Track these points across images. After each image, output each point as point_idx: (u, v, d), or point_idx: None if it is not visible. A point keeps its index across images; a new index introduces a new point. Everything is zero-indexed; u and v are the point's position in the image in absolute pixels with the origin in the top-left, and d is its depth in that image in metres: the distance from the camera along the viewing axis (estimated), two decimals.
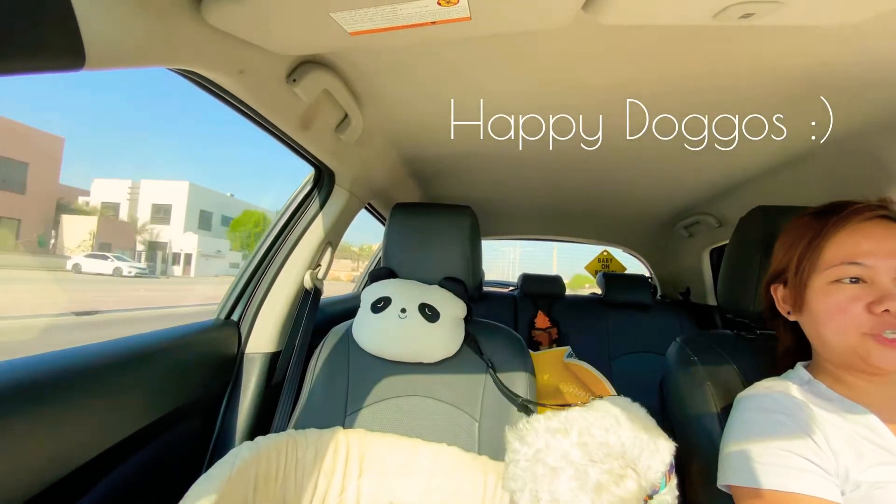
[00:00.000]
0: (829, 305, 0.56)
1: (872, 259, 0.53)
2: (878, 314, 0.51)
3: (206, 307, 8.43)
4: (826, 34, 0.55)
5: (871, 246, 0.54)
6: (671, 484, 0.64)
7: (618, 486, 0.49)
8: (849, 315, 0.54)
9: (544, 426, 0.55)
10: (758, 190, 1.19)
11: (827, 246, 0.57)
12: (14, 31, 0.32)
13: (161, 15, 0.44)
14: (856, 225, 0.56)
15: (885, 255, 0.53)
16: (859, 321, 0.53)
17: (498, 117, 0.89)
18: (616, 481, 0.50)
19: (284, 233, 1.04)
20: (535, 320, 2.05)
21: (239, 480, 0.62)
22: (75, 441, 0.59)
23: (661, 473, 0.62)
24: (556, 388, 1.26)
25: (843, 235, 0.56)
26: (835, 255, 0.56)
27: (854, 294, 0.54)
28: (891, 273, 0.52)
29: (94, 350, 0.66)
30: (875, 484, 0.49)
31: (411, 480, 0.78)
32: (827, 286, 0.56)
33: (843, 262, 0.55)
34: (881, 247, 0.53)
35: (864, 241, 0.55)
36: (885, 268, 0.53)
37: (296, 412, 0.89)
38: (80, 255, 13.33)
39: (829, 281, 0.56)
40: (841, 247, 0.56)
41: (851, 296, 0.54)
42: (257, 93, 0.63)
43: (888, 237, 0.54)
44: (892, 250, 0.53)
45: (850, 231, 0.56)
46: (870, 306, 0.52)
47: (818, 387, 0.59)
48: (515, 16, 0.49)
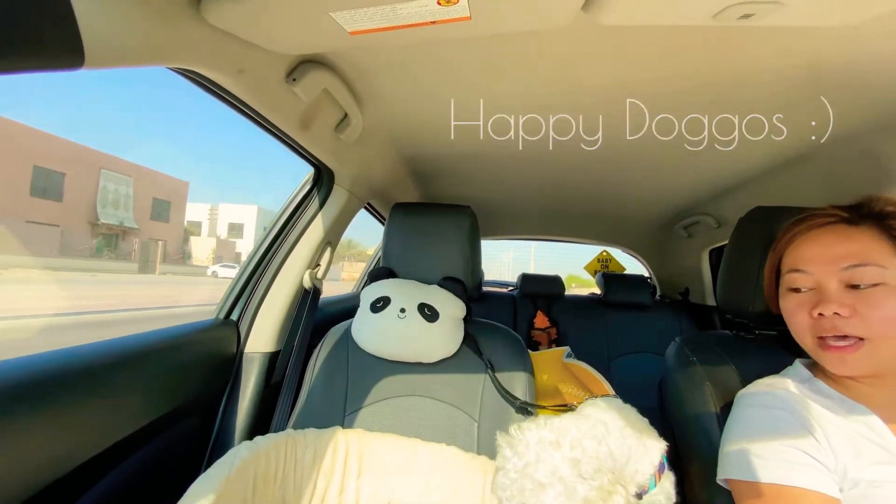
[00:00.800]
0: (786, 311, 0.60)
1: (814, 266, 0.56)
2: (815, 318, 0.55)
3: None
4: (826, 34, 0.55)
5: (814, 253, 0.57)
6: (662, 483, 0.64)
7: (605, 502, 0.50)
8: (799, 321, 0.57)
9: (536, 437, 0.55)
10: (757, 190, 1.19)
11: (785, 254, 0.62)
12: (13, 30, 0.32)
13: (160, 14, 0.44)
14: (806, 233, 0.59)
15: (827, 261, 0.55)
16: (806, 326, 0.56)
17: (498, 117, 0.89)
18: (604, 498, 0.50)
19: (284, 232, 1.04)
20: (534, 320, 2.06)
21: (238, 480, 0.62)
22: (74, 440, 0.59)
23: (650, 475, 0.63)
24: (555, 388, 1.26)
25: (795, 244, 0.60)
26: (787, 263, 0.60)
27: (799, 301, 0.58)
28: (834, 278, 0.54)
29: (93, 349, 0.66)
30: (873, 483, 0.49)
31: (410, 480, 0.78)
32: (785, 293, 0.61)
33: (790, 270, 0.59)
34: (824, 253, 0.56)
35: (811, 248, 0.58)
36: (826, 272, 0.55)
37: (295, 412, 0.89)
38: (214, 265, 18.93)
39: (786, 288, 0.60)
40: (790, 255, 0.60)
41: (797, 302, 0.58)
42: (257, 92, 0.63)
43: (836, 242, 0.56)
44: (835, 255, 0.54)
45: (802, 239, 0.59)
46: (810, 311, 0.55)
47: (818, 384, 0.59)
48: (515, 16, 0.49)
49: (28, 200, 14.00)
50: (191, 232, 25.68)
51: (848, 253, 0.54)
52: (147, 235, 18.13)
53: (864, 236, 0.55)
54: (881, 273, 0.52)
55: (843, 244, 0.55)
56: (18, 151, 14.19)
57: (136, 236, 17.43)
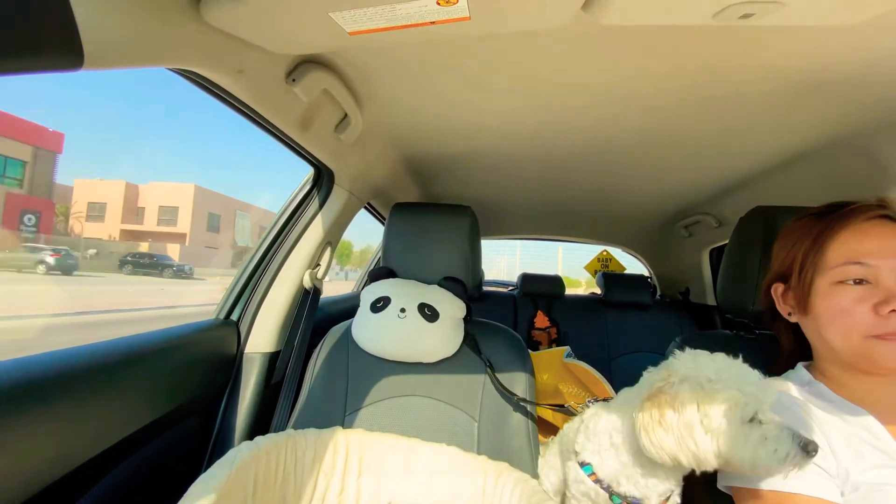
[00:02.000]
0: (832, 307, 0.55)
1: (876, 259, 0.52)
2: (885, 315, 0.50)
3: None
4: (826, 34, 0.55)
5: (874, 245, 0.53)
6: (680, 485, 0.64)
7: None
8: (854, 317, 0.53)
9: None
10: (758, 190, 1.19)
11: (830, 246, 0.56)
12: (12, 31, 0.32)
13: (160, 15, 0.44)
14: (858, 225, 0.55)
15: (889, 255, 0.52)
16: (864, 323, 0.52)
17: (498, 117, 0.89)
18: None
19: (284, 232, 1.04)
20: (534, 320, 2.06)
21: (238, 480, 0.62)
22: (75, 441, 0.59)
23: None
24: (555, 388, 1.26)
25: (846, 235, 0.55)
26: (838, 256, 0.55)
27: (859, 295, 0.53)
28: (894, 273, 0.52)
29: (94, 350, 0.66)
30: (875, 486, 0.49)
31: (410, 480, 0.78)
32: (830, 287, 0.55)
33: (846, 263, 0.54)
34: (885, 246, 0.52)
35: (867, 240, 0.54)
36: (888, 268, 0.52)
37: (295, 412, 0.89)
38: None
39: (833, 282, 0.55)
40: (844, 247, 0.55)
41: (856, 297, 0.53)
42: (257, 93, 0.63)
43: (890, 236, 0.53)
44: (895, 250, 0.52)
45: (853, 231, 0.55)
46: (876, 307, 0.51)
47: (819, 388, 0.59)
48: (515, 16, 0.49)
49: (206, 234, 23.38)
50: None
51: None
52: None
53: None
54: None
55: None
56: (204, 205, 23.70)
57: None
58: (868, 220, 0.55)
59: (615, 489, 0.63)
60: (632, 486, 0.62)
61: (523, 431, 0.85)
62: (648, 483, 0.61)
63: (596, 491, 0.64)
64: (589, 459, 0.66)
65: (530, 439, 0.84)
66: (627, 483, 0.62)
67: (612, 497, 0.63)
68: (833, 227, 0.56)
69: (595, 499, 0.65)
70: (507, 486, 0.74)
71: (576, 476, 0.67)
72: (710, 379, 0.53)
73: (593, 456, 0.66)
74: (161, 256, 17.81)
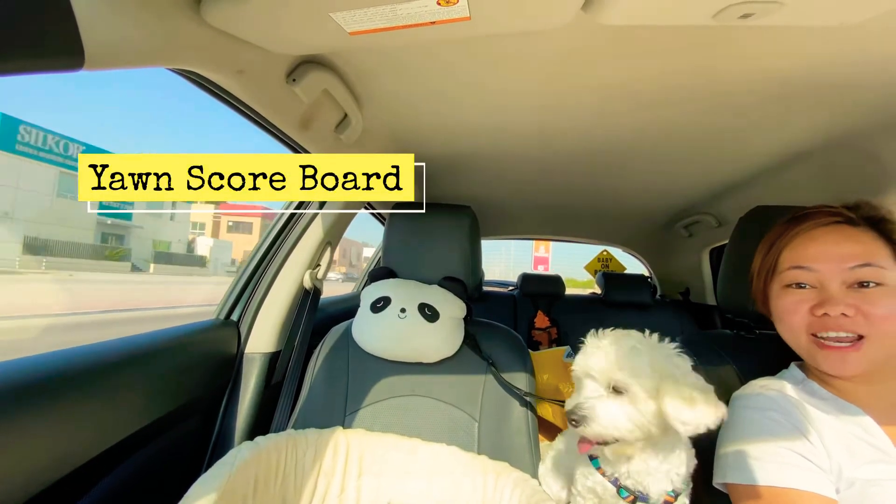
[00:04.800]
0: (781, 308, 0.59)
1: (819, 263, 0.56)
2: (818, 316, 0.54)
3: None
4: (826, 34, 0.55)
5: (818, 251, 0.56)
6: (690, 486, 0.65)
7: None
8: (795, 317, 0.57)
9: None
10: (758, 190, 1.19)
11: (783, 251, 0.60)
12: (13, 31, 0.32)
13: (161, 15, 0.44)
14: (809, 231, 0.58)
15: (832, 260, 0.55)
16: (803, 323, 0.56)
17: (498, 117, 0.89)
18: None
19: (284, 233, 1.04)
20: (534, 320, 2.06)
21: (239, 480, 0.62)
22: (75, 441, 0.59)
23: (689, 475, 0.63)
24: (555, 388, 1.26)
25: (797, 241, 0.59)
26: (787, 260, 0.59)
27: (800, 297, 0.57)
28: (838, 277, 0.54)
29: (94, 350, 0.66)
30: (869, 482, 0.50)
31: (411, 480, 0.78)
32: (781, 290, 0.60)
33: (791, 267, 0.58)
34: (829, 251, 0.56)
35: (813, 246, 0.57)
36: (830, 271, 0.55)
37: (295, 412, 0.89)
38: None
39: (783, 285, 0.59)
40: (793, 252, 0.59)
41: (798, 299, 0.57)
42: (257, 93, 0.63)
43: (839, 242, 0.56)
44: (840, 255, 0.54)
45: (804, 237, 0.59)
46: (812, 309, 0.55)
47: (811, 386, 0.60)
48: (515, 16, 0.49)
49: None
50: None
51: (853, 253, 0.54)
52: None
53: (867, 237, 0.55)
54: (882, 274, 0.52)
55: (849, 244, 0.55)
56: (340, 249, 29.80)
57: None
58: (822, 226, 0.58)
59: (622, 482, 0.63)
60: (635, 482, 0.62)
61: (524, 431, 0.85)
62: (651, 481, 0.61)
63: (603, 485, 0.64)
64: (597, 453, 0.66)
65: (531, 439, 0.84)
66: (629, 479, 0.62)
67: (619, 491, 0.63)
68: (788, 232, 0.61)
69: (602, 494, 0.65)
70: (507, 485, 0.74)
71: (585, 470, 0.68)
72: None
73: (598, 449, 0.66)
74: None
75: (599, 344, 0.62)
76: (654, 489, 0.61)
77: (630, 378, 0.57)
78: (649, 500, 0.62)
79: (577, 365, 0.63)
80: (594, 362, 0.60)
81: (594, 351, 0.61)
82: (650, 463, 0.61)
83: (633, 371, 0.57)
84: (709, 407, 0.53)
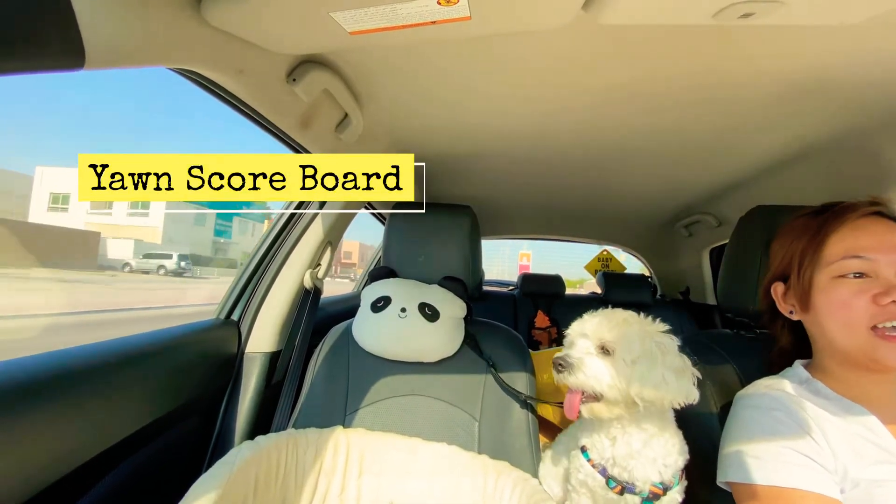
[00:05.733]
0: (833, 301, 0.56)
1: (874, 253, 0.54)
2: (884, 305, 0.51)
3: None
4: (826, 34, 0.55)
5: (870, 240, 0.55)
6: (682, 484, 0.65)
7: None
8: (854, 309, 0.54)
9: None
10: (758, 190, 1.19)
11: (828, 242, 0.57)
12: (14, 31, 0.32)
13: (161, 14, 0.44)
14: (854, 221, 0.57)
15: (886, 249, 0.53)
16: (865, 314, 0.53)
17: (498, 117, 0.89)
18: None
19: (284, 232, 1.04)
20: (534, 320, 2.06)
21: (239, 480, 0.62)
22: (75, 441, 0.59)
23: (679, 470, 0.64)
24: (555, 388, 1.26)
25: (844, 231, 0.57)
26: (836, 251, 0.56)
27: (858, 288, 0.54)
28: (892, 266, 0.53)
29: (95, 350, 0.66)
30: (875, 482, 0.49)
31: (411, 480, 0.78)
32: (830, 282, 0.56)
33: (844, 257, 0.55)
34: (881, 241, 0.54)
35: (864, 235, 0.55)
36: (886, 261, 0.53)
37: (296, 411, 0.89)
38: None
39: (832, 276, 0.56)
40: (842, 242, 0.56)
41: (856, 289, 0.54)
42: (257, 92, 0.63)
43: (886, 231, 0.55)
44: (892, 244, 0.54)
45: (850, 227, 0.57)
46: (875, 298, 0.52)
47: (816, 385, 0.59)
48: (515, 16, 0.49)
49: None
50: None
51: None
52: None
53: None
54: None
55: (892, 234, 0.55)
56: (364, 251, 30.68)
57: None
58: (863, 217, 0.57)
59: (610, 471, 0.65)
60: (621, 470, 0.64)
61: (524, 431, 0.85)
62: (636, 465, 0.63)
63: (593, 476, 0.66)
64: (587, 443, 0.69)
65: (531, 438, 0.84)
66: (615, 466, 0.64)
67: (608, 481, 0.64)
68: (830, 223, 0.58)
69: (592, 486, 0.66)
70: (507, 485, 0.74)
71: (577, 464, 0.69)
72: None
73: (588, 439, 0.69)
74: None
75: (595, 314, 0.70)
76: (638, 474, 0.62)
77: (617, 343, 0.63)
78: (635, 489, 0.62)
79: (572, 329, 0.71)
80: (588, 325, 0.68)
81: (589, 318, 0.70)
82: (633, 445, 0.63)
83: (622, 337, 0.64)
84: (679, 388, 0.59)
